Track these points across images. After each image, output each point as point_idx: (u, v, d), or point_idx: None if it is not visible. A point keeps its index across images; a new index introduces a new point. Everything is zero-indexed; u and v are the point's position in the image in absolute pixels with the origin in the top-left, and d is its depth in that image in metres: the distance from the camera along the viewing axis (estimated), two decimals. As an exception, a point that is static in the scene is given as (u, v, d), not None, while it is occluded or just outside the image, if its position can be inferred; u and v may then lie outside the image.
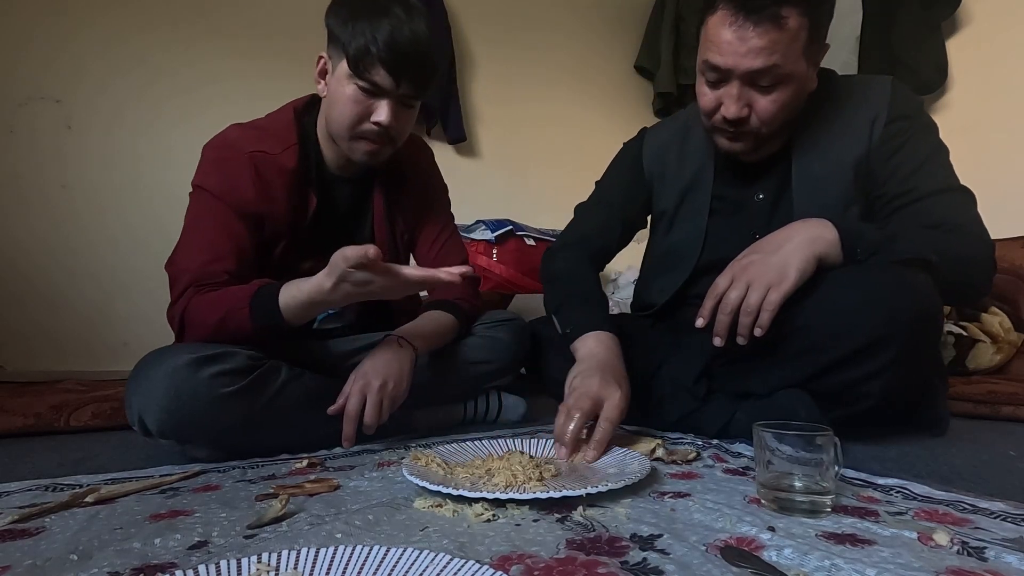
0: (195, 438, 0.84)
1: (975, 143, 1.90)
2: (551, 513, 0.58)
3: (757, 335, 0.81)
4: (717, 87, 0.90)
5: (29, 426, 1.19)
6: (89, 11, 1.91)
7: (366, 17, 0.88)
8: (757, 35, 0.82)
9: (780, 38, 0.83)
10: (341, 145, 0.98)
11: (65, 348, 1.83)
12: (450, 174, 1.30)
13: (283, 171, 0.97)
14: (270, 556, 0.42)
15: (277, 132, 0.99)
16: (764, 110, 0.89)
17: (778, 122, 0.92)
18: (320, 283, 0.82)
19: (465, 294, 1.15)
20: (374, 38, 0.86)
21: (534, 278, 2.09)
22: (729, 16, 0.84)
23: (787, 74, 0.86)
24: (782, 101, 0.88)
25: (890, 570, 0.43)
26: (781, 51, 0.83)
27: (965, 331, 1.53)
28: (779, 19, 0.82)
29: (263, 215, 0.96)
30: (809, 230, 0.84)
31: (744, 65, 0.85)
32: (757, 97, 0.88)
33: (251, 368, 0.86)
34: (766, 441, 0.58)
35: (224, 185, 0.94)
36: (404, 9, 0.89)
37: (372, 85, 0.90)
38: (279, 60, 2.15)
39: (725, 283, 0.84)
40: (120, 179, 1.93)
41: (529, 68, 2.68)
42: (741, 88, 0.88)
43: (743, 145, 0.95)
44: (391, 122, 0.92)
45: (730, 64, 0.86)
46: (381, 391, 0.90)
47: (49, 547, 0.52)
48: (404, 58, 0.88)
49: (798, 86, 0.89)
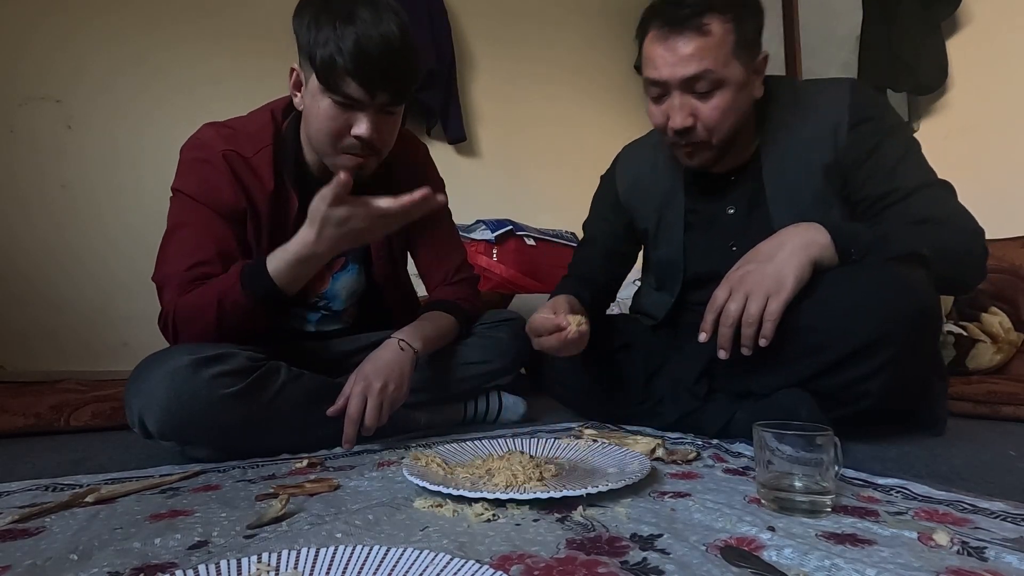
0: (195, 439, 0.84)
1: (975, 143, 1.90)
2: (551, 513, 0.58)
3: (762, 345, 0.81)
4: (661, 102, 0.96)
5: (29, 426, 1.19)
6: (89, 11, 1.91)
7: (329, 23, 0.81)
8: (684, 44, 0.89)
9: (706, 43, 0.89)
10: (326, 162, 0.94)
11: (65, 348, 1.83)
12: (450, 174, 1.30)
13: (256, 173, 0.94)
14: (270, 556, 0.42)
15: (251, 133, 0.96)
16: (708, 116, 0.93)
17: (726, 128, 0.94)
18: (304, 236, 0.82)
19: (465, 294, 1.15)
20: (339, 48, 0.80)
21: (534, 278, 2.09)
22: (658, 33, 0.91)
23: (721, 78, 0.90)
24: (723, 106, 0.92)
25: (890, 570, 0.43)
26: (710, 56, 0.89)
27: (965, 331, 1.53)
28: (702, 27, 0.88)
29: (243, 212, 0.94)
30: (801, 235, 0.84)
31: (678, 73, 0.90)
32: (699, 105, 0.93)
33: (251, 369, 0.86)
34: (766, 441, 0.58)
35: (201, 187, 0.92)
36: (371, 10, 0.82)
37: (346, 98, 0.84)
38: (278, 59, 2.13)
39: (723, 295, 0.85)
40: (120, 179, 1.93)
41: (529, 68, 2.68)
42: (682, 97, 0.93)
43: (701, 158, 0.98)
44: (372, 135, 0.88)
45: (665, 76, 0.91)
46: (382, 393, 0.89)
47: (49, 547, 0.52)
48: (375, 67, 0.82)
49: (736, 91, 0.92)
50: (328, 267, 1.07)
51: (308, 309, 1.10)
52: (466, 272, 1.19)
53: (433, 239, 1.16)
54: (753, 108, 0.99)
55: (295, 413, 0.90)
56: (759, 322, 0.81)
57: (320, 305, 1.10)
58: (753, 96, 0.97)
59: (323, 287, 1.08)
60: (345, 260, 1.09)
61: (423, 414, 1.11)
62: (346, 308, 1.13)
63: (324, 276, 1.07)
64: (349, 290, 1.10)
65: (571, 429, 1.07)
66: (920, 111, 2.04)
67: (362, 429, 0.89)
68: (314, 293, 1.07)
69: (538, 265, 2.13)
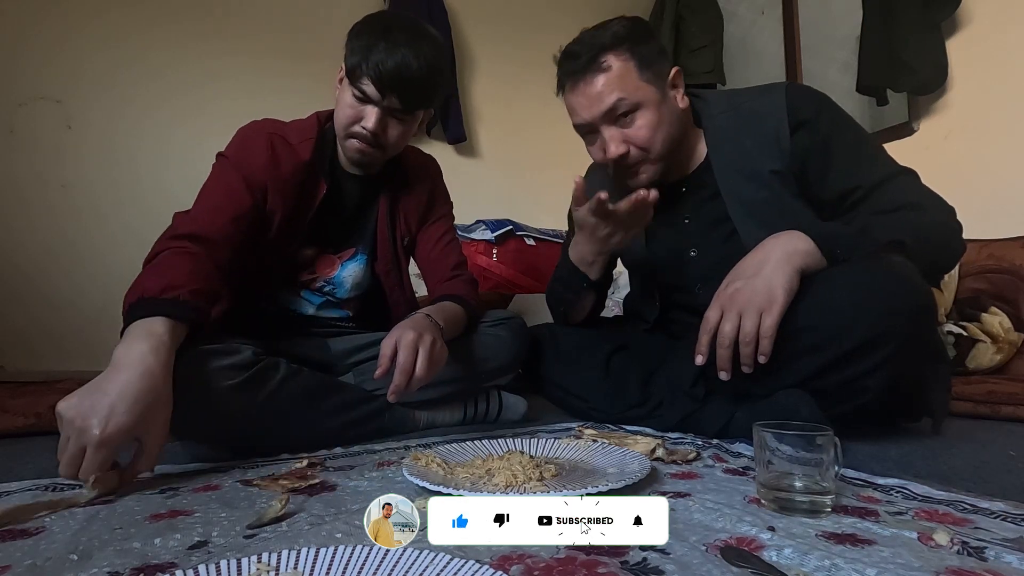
0: (195, 431, 0.85)
1: (975, 143, 1.90)
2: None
3: (761, 362, 0.81)
4: (595, 141, 1.04)
5: (29, 426, 1.19)
6: (89, 11, 1.91)
7: (367, 37, 0.97)
8: (590, 86, 0.98)
9: (608, 78, 0.97)
10: (340, 143, 1.07)
11: (65, 348, 1.83)
12: (450, 174, 1.30)
13: (296, 157, 1.04)
14: (270, 556, 0.42)
15: (299, 127, 1.09)
16: (637, 137, 0.99)
17: (659, 143, 1.00)
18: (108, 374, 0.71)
19: (466, 291, 1.16)
20: (366, 56, 0.96)
21: (534, 278, 2.10)
22: (569, 85, 1.01)
23: (635, 102, 0.98)
24: (648, 124, 0.99)
25: (890, 570, 0.43)
26: (618, 87, 0.97)
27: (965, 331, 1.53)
28: (601, 66, 0.97)
29: (267, 185, 1.01)
30: (783, 246, 0.85)
31: (596, 111, 0.99)
32: (626, 132, 1.00)
33: (252, 363, 0.87)
34: (766, 441, 0.58)
35: (239, 153, 1.03)
36: (407, 35, 0.97)
37: (362, 93, 0.99)
38: (278, 59, 2.15)
39: (716, 316, 0.84)
40: (120, 178, 1.93)
41: (529, 68, 2.67)
42: (608, 130, 1.00)
43: (648, 174, 1.03)
44: (376, 128, 1.00)
45: (587, 117, 1.00)
46: (433, 347, 0.89)
47: (49, 547, 0.52)
48: (389, 76, 0.96)
49: (656, 108, 0.99)
50: (336, 253, 1.13)
51: (312, 292, 1.13)
52: (465, 271, 1.21)
53: (435, 236, 1.20)
54: (688, 118, 1.05)
55: (294, 408, 0.91)
56: (756, 340, 0.81)
57: (325, 290, 1.14)
58: (678, 108, 1.02)
59: (332, 272, 1.13)
60: (355, 250, 1.15)
61: (423, 414, 1.11)
62: (349, 298, 1.16)
63: (333, 261, 1.13)
64: (354, 279, 1.15)
65: (571, 429, 1.07)
66: (920, 111, 2.05)
67: (412, 381, 0.88)
68: (322, 277, 1.12)
69: (538, 265, 2.13)
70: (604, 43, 0.97)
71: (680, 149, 1.04)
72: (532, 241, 2.15)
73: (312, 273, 1.12)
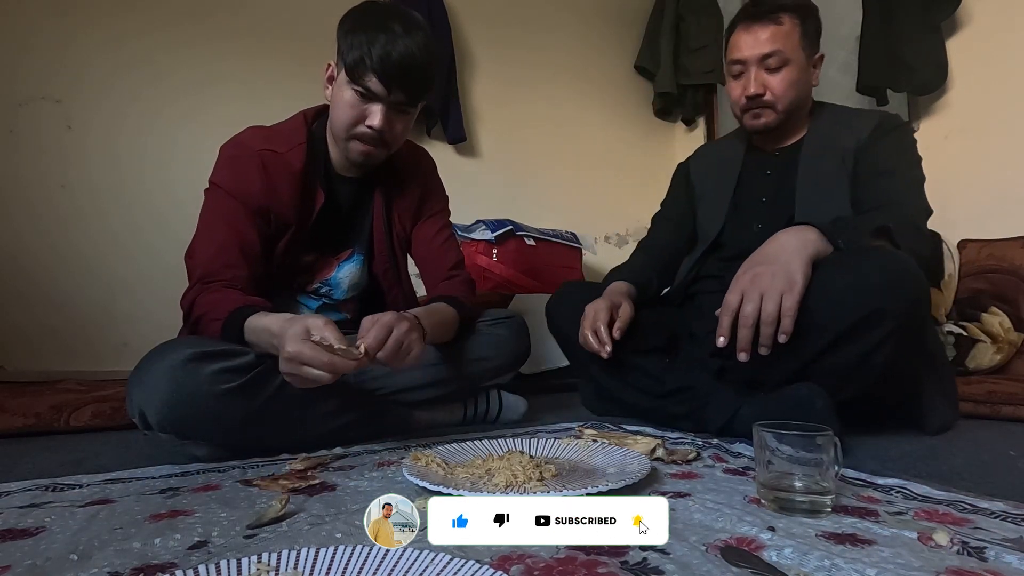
0: (195, 433, 0.85)
1: (975, 143, 1.90)
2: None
3: (782, 341, 0.84)
4: (739, 78, 1.17)
5: (29, 426, 1.19)
6: (90, 12, 1.91)
7: (364, 31, 0.95)
8: (761, 31, 1.13)
9: (778, 31, 1.12)
10: (340, 145, 1.05)
11: (66, 348, 1.83)
12: (450, 174, 1.30)
13: (290, 168, 1.02)
14: (270, 556, 0.42)
15: (286, 134, 1.05)
16: (776, 86, 1.14)
17: (788, 99, 1.14)
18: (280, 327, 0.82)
19: (463, 291, 1.16)
20: (369, 51, 0.93)
21: (534, 278, 2.09)
22: (742, 26, 1.16)
23: (788, 58, 1.12)
24: (788, 80, 1.13)
25: (890, 570, 0.43)
26: (781, 40, 1.12)
27: (965, 331, 1.53)
28: (776, 18, 1.13)
29: (269, 208, 1.01)
30: (797, 237, 0.91)
31: (757, 51, 1.13)
32: (769, 78, 1.14)
33: (251, 366, 0.87)
34: (766, 441, 0.58)
35: (234, 181, 1.00)
36: (402, 25, 0.95)
37: (366, 90, 0.96)
38: (279, 61, 2.15)
39: (736, 299, 0.87)
40: (121, 179, 1.93)
41: (529, 68, 2.68)
42: (756, 72, 1.14)
43: (767, 119, 1.16)
44: (383, 126, 0.98)
45: (746, 55, 1.14)
46: (406, 334, 0.87)
47: (49, 547, 0.52)
48: (395, 69, 0.94)
49: (799, 72, 1.14)
50: (335, 255, 1.12)
51: (309, 296, 1.13)
52: (462, 271, 1.20)
53: (430, 233, 1.19)
54: (811, 96, 1.20)
55: (293, 410, 0.91)
56: (777, 320, 0.84)
57: (322, 292, 1.13)
58: (810, 82, 1.18)
59: (328, 274, 1.12)
60: (352, 250, 1.14)
61: (423, 414, 1.11)
62: (346, 300, 1.15)
63: (330, 263, 1.12)
64: (351, 280, 1.14)
65: (571, 429, 1.07)
66: (920, 111, 2.05)
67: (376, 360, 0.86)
68: (318, 279, 1.11)
69: (538, 265, 2.13)
70: (785, 4, 1.13)
71: (795, 115, 1.17)
72: (532, 241, 2.15)
73: (308, 276, 1.11)
